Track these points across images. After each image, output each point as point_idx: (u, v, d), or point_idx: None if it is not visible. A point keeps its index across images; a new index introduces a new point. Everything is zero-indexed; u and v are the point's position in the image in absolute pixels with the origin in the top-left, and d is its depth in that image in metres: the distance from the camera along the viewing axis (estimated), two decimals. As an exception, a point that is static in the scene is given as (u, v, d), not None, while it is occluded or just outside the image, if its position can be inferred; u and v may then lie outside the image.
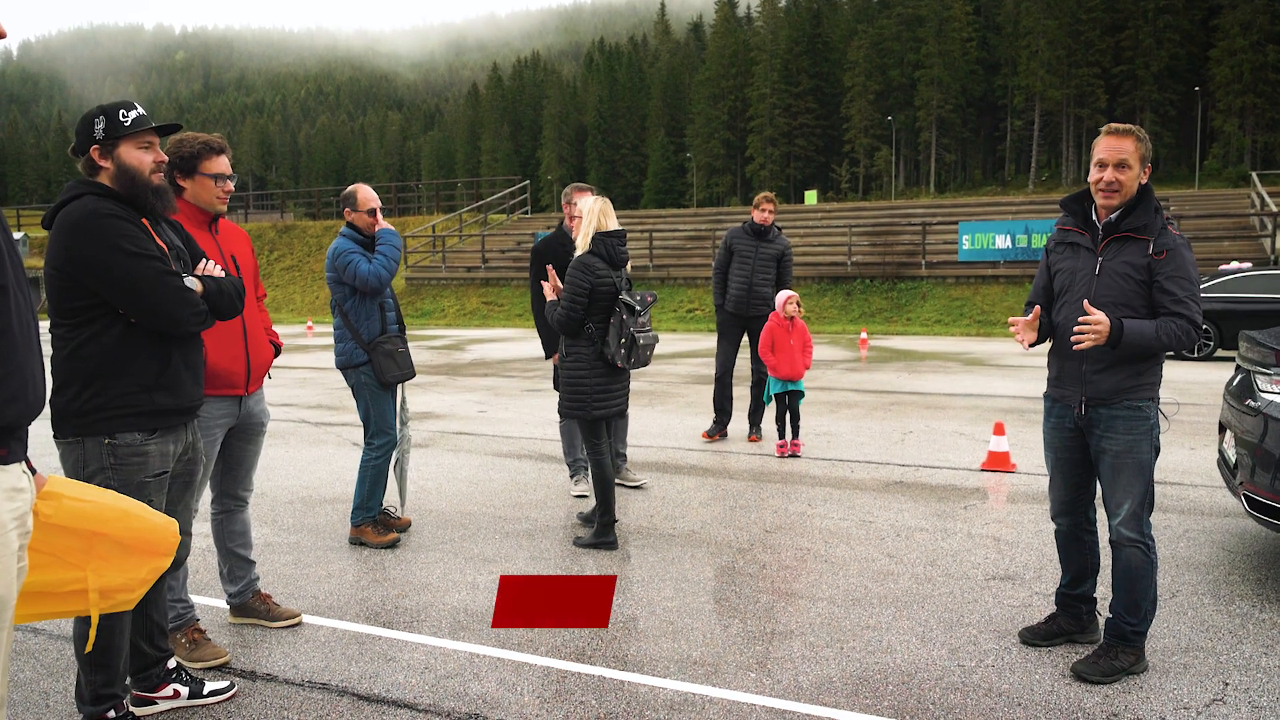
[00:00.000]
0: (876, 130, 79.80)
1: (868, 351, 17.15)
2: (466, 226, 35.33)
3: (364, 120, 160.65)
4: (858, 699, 3.22)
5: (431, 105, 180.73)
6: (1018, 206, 31.85)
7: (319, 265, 34.72)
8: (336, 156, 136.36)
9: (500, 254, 32.22)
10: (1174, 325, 3.20)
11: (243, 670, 3.48)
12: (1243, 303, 14.90)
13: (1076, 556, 3.67)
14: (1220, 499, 5.88)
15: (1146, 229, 3.31)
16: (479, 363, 15.90)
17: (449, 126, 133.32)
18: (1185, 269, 3.26)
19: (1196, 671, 3.40)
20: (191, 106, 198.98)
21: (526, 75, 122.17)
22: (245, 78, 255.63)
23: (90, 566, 2.21)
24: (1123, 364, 3.33)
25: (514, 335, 22.77)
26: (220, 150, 3.47)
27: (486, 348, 19.05)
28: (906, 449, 7.68)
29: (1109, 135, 3.36)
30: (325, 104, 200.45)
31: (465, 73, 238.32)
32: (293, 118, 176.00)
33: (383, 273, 4.82)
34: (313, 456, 7.64)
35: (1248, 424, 4.36)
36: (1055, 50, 69.71)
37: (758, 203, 7.81)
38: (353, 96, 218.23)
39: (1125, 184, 3.32)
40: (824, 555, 4.84)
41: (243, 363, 3.54)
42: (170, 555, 2.40)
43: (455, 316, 28.13)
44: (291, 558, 4.90)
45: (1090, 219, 3.46)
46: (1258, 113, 63.07)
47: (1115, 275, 3.32)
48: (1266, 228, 23.28)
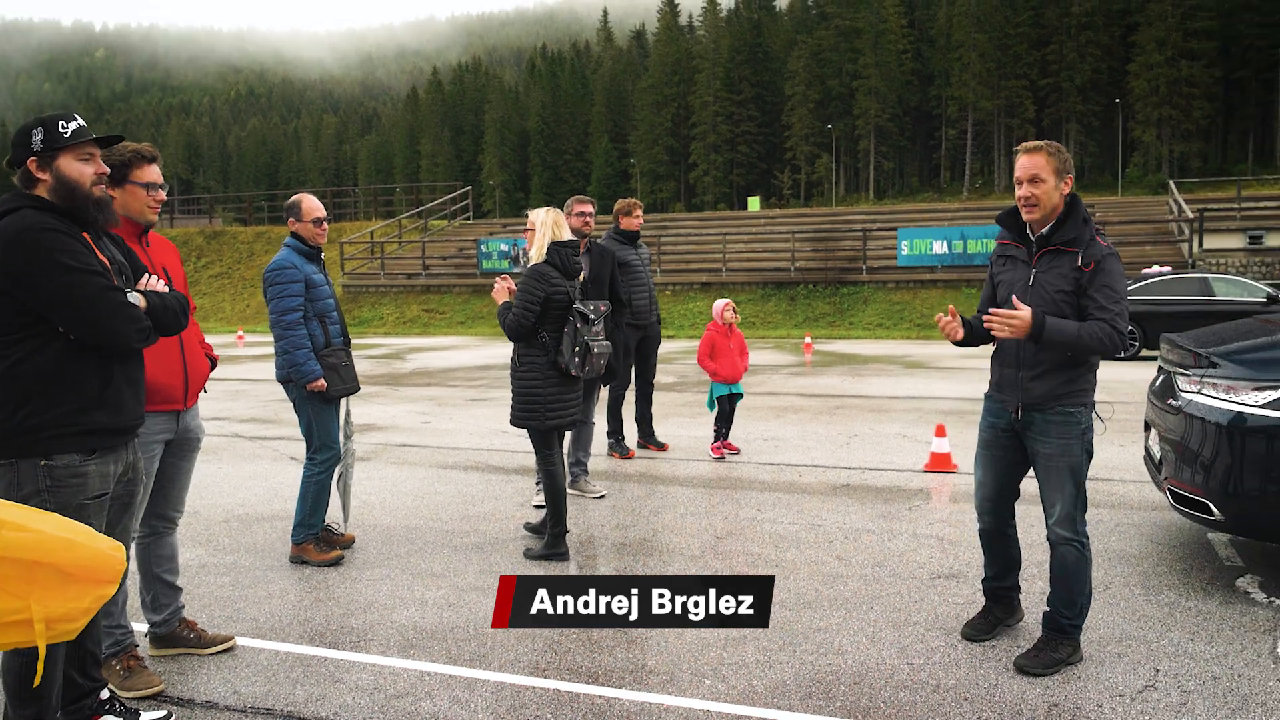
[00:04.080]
0: (817, 138, 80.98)
1: (812, 356, 17.36)
2: (406, 233, 34.88)
3: (298, 123, 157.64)
4: (811, 701, 3.26)
5: (369, 109, 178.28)
6: (954, 213, 32.58)
7: (250, 272, 34.00)
8: (268, 160, 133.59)
9: (442, 261, 31.90)
10: (1098, 328, 3.33)
11: (180, 698, 3.37)
12: (1164, 304, 15.50)
13: (1002, 552, 3.80)
14: (1148, 493, 6.07)
15: (1076, 241, 3.44)
16: (421, 372, 15.71)
17: (387, 131, 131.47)
18: (1111, 278, 3.38)
19: (1129, 660, 3.53)
20: (112, 106, 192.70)
21: (467, 80, 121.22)
22: (171, 77, 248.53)
23: (34, 596, 2.11)
24: (1056, 371, 3.45)
25: (456, 344, 22.55)
26: (152, 159, 3.37)
27: (428, 356, 18.83)
28: (852, 452, 7.79)
29: (1022, 154, 3.52)
30: (256, 106, 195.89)
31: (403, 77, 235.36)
32: (222, 119, 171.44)
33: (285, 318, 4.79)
34: (248, 472, 7.46)
35: (1170, 422, 4.53)
36: (986, 63, 71.68)
37: (630, 209, 7.56)
38: (286, 99, 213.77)
39: (1041, 197, 3.45)
40: (775, 560, 4.88)
41: (180, 376, 3.44)
42: (116, 583, 2.30)
43: (395, 324, 27.74)
44: (229, 579, 4.76)
45: (1025, 233, 3.60)
46: (1173, 124, 65.63)
47: (1047, 286, 3.46)
48: (1184, 233, 24.17)
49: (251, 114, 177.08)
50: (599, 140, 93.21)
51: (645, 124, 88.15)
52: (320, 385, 4.79)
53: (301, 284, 4.80)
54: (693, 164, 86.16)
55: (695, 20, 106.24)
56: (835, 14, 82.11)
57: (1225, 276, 16.38)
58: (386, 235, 33.86)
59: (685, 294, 26.83)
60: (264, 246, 35.37)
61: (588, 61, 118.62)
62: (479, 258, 30.26)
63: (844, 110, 79.98)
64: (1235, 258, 22.61)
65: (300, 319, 4.80)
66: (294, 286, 4.77)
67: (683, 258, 28.94)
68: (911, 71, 79.04)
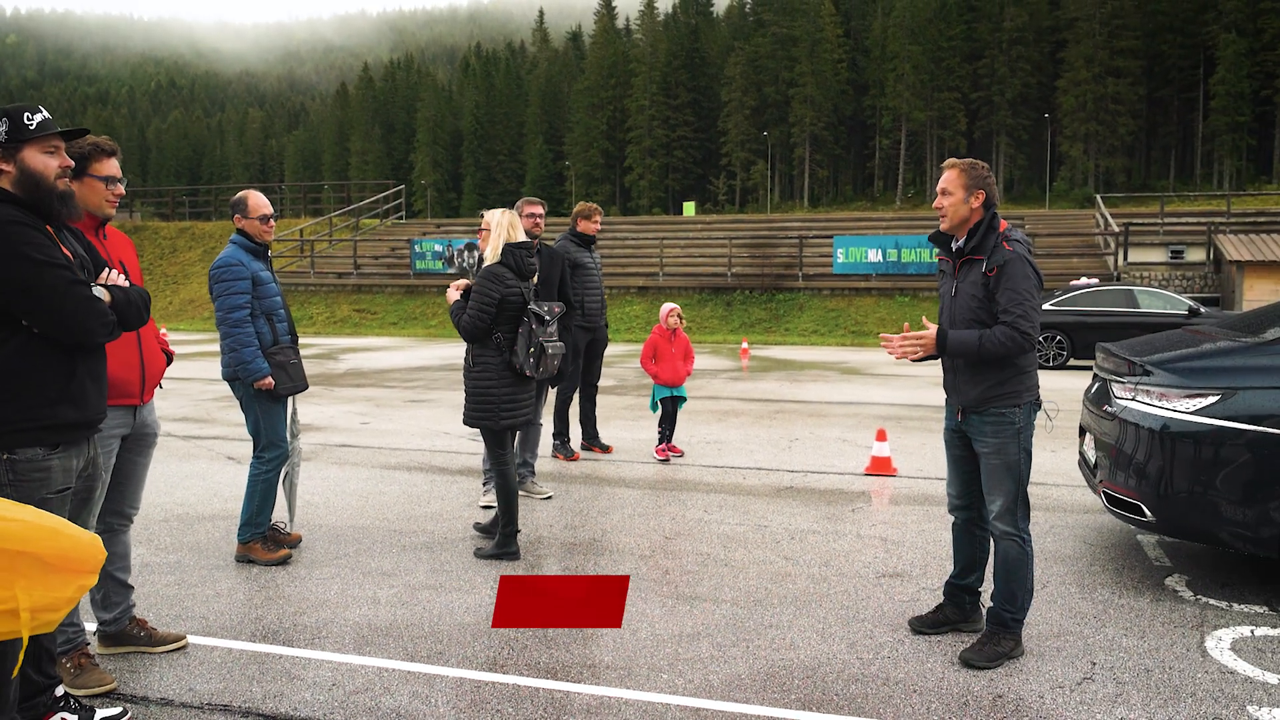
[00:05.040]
0: (753, 144, 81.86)
1: (749, 361, 17.59)
2: (337, 231, 34.27)
3: (222, 117, 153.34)
4: (767, 694, 3.34)
5: (296, 104, 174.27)
6: (888, 222, 33.30)
7: (172, 269, 33.08)
8: (191, 154, 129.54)
9: (374, 260, 31.45)
10: (999, 333, 3.52)
11: (133, 696, 3.31)
12: (1091, 315, 16.10)
13: (967, 549, 3.95)
14: (1080, 497, 6.34)
15: (981, 248, 3.66)
16: (355, 373, 15.48)
17: (315, 127, 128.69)
18: (1012, 281, 3.55)
19: (1068, 654, 3.69)
20: (24, 94, 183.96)
21: (399, 77, 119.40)
22: (86, 66, 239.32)
23: (19, 586, 2.09)
24: (984, 375, 3.64)
25: (389, 344, 22.26)
26: (111, 152, 3.32)
27: (361, 357, 18.55)
28: (794, 455, 7.95)
29: (944, 168, 3.77)
30: (178, 98, 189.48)
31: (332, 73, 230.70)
32: (141, 111, 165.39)
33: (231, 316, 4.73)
34: (185, 471, 7.29)
35: (1105, 428, 4.75)
36: (919, 75, 73.29)
37: (590, 213, 7.62)
38: (209, 91, 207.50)
39: (948, 209, 3.70)
40: (724, 559, 4.97)
41: (138, 371, 3.38)
42: (95, 574, 2.29)
43: (325, 324, 27.25)
44: (173, 578, 4.66)
45: (951, 247, 3.81)
46: (1099, 139, 67.98)
47: (966, 295, 3.69)
48: (1110, 246, 25.12)
49: (172, 106, 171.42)
50: (534, 141, 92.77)
51: (581, 126, 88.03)
52: (268, 383, 4.73)
53: (249, 281, 4.75)
54: (628, 168, 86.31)
55: (632, 23, 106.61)
56: (772, 21, 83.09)
57: (1149, 289, 17.02)
58: (316, 233, 33.21)
59: (622, 298, 26.90)
60: (187, 243, 34.43)
61: (523, 62, 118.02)
62: (412, 258, 29.91)
63: (780, 117, 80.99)
64: (1158, 271, 23.59)
65: (247, 316, 4.74)
66: (241, 284, 4.72)
67: (619, 262, 29.04)
68: (847, 81, 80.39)
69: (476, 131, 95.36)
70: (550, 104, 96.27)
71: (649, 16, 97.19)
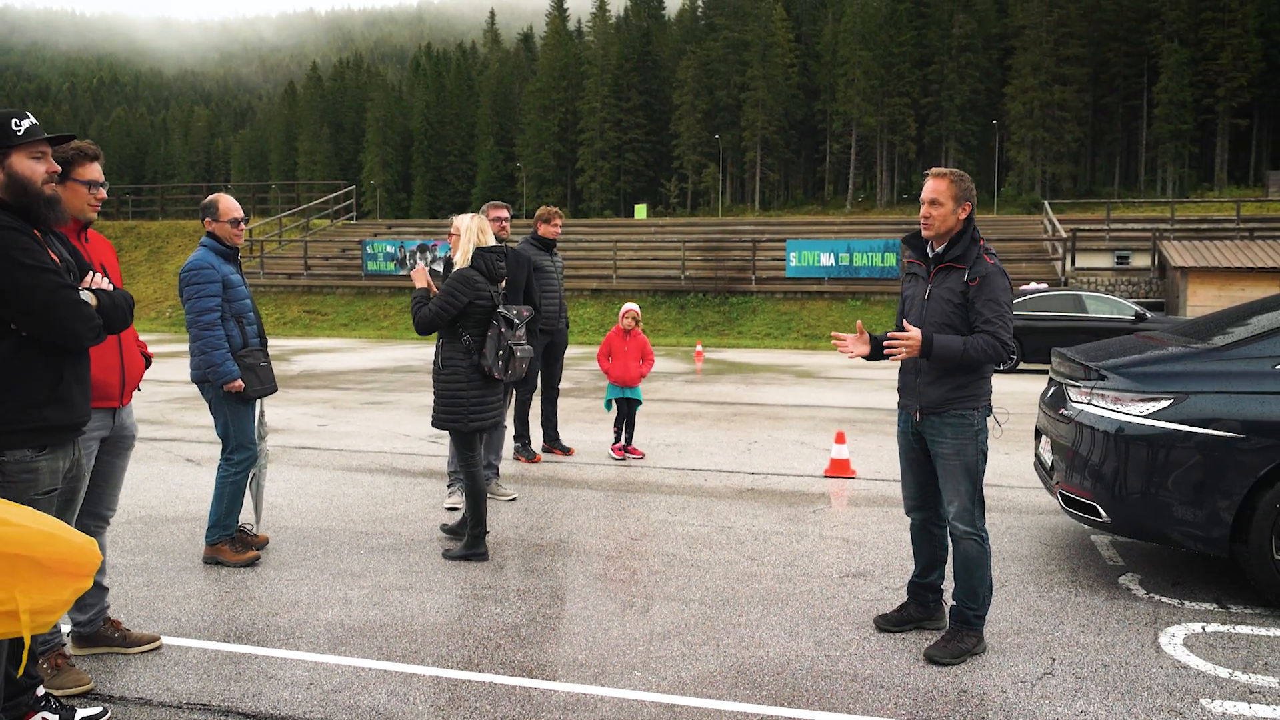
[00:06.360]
0: (704, 148, 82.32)
1: (704, 364, 17.74)
2: (287, 231, 33.77)
3: (166, 115, 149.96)
4: (739, 690, 3.43)
5: (243, 102, 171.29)
6: (840, 226, 33.78)
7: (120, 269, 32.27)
8: (134, 152, 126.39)
9: (324, 261, 31.07)
10: (981, 341, 3.65)
11: (111, 696, 3.31)
12: (1041, 320, 16.53)
13: (927, 548, 4.07)
14: (1035, 498, 6.55)
15: (964, 258, 3.78)
16: (309, 374, 15.31)
17: (262, 125, 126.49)
18: (994, 293, 3.70)
19: (1028, 650, 3.84)
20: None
21: (348, 76, 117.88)
22: (26, 61, 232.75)
23: (18, 588, 2.12)
24: (947, 378, 3.76)
25: (342, 346, 22.03)
26: (94, 157, 3.34)
27: (314, 359, 18.35)
28: (754, 457, 8.07)
29: (930, 177, 3.86)
30: (121, 95, 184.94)
31: (279, 71, 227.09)
32: (83, 108, 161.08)
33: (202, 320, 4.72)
34: (145, 474, 7.18)
35: (1061, 430, 4.92)
36: (870, 80, 74.34)
37: (550, 217, 7.70)
38: (153, 89, 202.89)
39: (937, 218, 3.79)
40: (690, 560, 5.06)
41: (118, 373, 3.39)
42: (91, 576, 2.31)
43: (274, 326, 26.83)
44: (142, 579, 4.63)
45: (926, 252, 3.92)
46: (1046, 145, 69.57)
47: (940, 300, 3.79)
48: (1058, 251, 25.76)
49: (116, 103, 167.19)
50: (484, 143, 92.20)
51: (532, 128, 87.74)
52: (238, 386, 4.72)
53: (219, 284, 4.76)
54: (580, 170, 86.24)
55: (584, 25, 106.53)
56: (724, 25, 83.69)
57: (1097, 294, 17.46)
58: (265, 234, 32.70)
59: (576, 300, 26.90)
60: (132, 242, 33.66)
61: (474, 63, 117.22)
62: (364, 259, 29.64)
63: (731, 121, 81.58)
64: (1104, 276, 24.22)
65: (218, 319, 4.75)
66: (211, 287, 4.72)
67: (573, 264, 29.04)
68: (798, 85, 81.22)
69: (427, 132, 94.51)
70: (501, 105, 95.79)
71: (601, 19, 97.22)
